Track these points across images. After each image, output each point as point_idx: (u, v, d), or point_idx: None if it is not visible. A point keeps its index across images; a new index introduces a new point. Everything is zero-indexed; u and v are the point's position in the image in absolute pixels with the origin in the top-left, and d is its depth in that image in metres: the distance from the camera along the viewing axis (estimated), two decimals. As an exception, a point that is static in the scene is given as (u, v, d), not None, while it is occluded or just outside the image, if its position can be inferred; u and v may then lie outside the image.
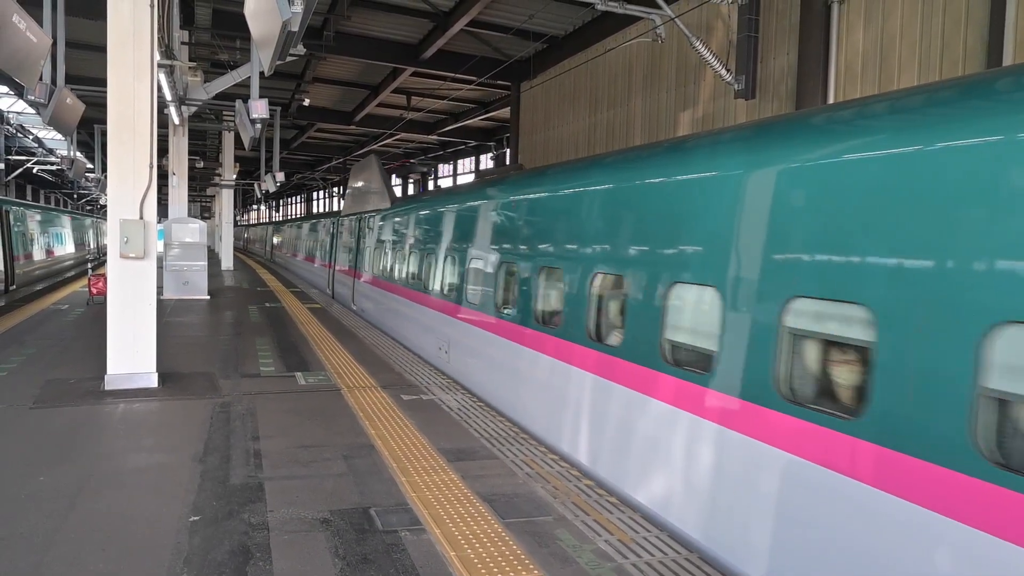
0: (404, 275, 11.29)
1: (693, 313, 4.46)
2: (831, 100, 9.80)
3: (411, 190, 40.93)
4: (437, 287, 9.43)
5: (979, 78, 3.34)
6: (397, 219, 12.32)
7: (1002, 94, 2.98)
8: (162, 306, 13.80)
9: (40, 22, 7.38)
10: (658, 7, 11.48)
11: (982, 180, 2.80)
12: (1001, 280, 2.67)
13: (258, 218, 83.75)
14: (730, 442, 3.96)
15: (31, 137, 30.75)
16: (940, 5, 8.49)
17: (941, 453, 2.81)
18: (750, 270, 3.94)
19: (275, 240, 38.26)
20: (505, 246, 7.29)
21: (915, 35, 8.76)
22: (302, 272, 25.96)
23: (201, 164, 30.55)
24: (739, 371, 3.94)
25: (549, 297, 6.34)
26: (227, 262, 26.45)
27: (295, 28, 5.04)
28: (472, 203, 8.60)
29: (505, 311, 7.13)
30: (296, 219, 35.96)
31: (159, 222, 7.88)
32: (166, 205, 18.07)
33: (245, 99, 10.74)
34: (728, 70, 11.03)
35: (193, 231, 16.00)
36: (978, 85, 3.17)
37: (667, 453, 4.53)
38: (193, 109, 15.61)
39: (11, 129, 29.02)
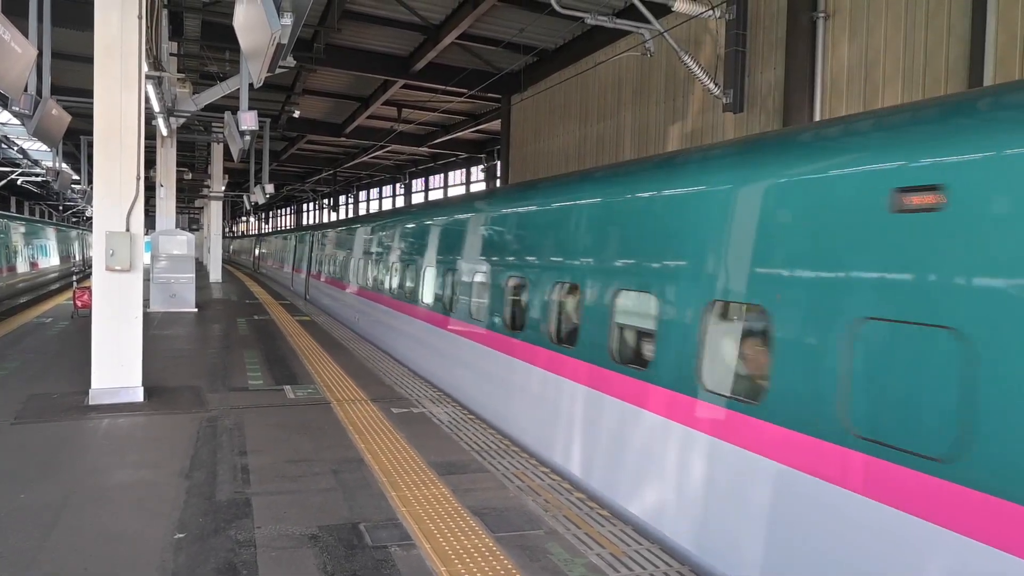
0: None
1: None
2: (817, 114, 9.88)
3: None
4: None
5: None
6: None
7: None
8: (148, 319, 13.66)
9: (25, 32, 7.33)
10: (647, 22, 11.57)
11: None
12: None
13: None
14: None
15: (16, 148, 30.50)
16: (923, 21, 8.60)
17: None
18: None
19: (315, 259, 20.50)
20: None
21: (899, 50, 8.87)
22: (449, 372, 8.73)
23: (190, 176, 30.39)
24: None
25: None
26: (215, 274, 26.29)
27: (285, 40, 5.02)
28: None
29: None
30: (417, 211, 12.25)
31: (146, 234, 7.81)
32: (154, 217, 17.94)
33: (234, 111, 10.69)
34: (716, 84, 11.11)
35: (181, 243, 15.88)
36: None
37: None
38: (181, 120, 15.56)
39: (-4, 140, 28.76)
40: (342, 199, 50.75)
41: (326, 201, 50.35)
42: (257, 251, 40.19)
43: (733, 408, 3.95)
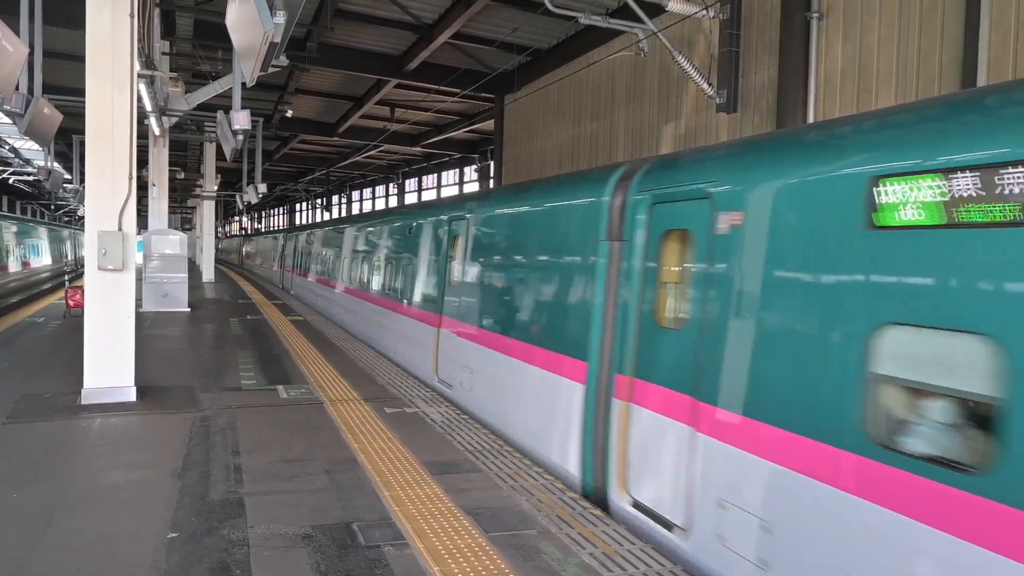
0: None
1: None
2: (811, 114, 9.92)
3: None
4: None
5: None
6: None
7: None
8: (141, 319, 13.60)
9: (17, 31, 7.29)
10: (641, 21, 11.59)
11: None
12: None
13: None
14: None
15: (7, 147, 30.34)
16: (916, 22, 8.64)
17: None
18: None
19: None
20: None
21: (892, 51, 8.91)
22: None
23: (182, 175, 30.30)
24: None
25: None
26: (208, 274, 26.21)
27: (277, 39, 5.02)
28: None
29: None
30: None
31: (139, 234, 7.79)
32: (146, 217, 17.87)
33: (227, 110, 10.66)
34: (710, 84, 11.14)
35: (173, 243, 15.83)
36: None
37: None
38: (174, 120, 15.48)
39: (-13, 139, 28.59)
40: (335, 199, 50.67)
41: (319, 201, 50.25)
42: (288, 248, 24.01)
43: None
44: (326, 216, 49.38)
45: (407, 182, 38.73)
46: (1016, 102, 2.90)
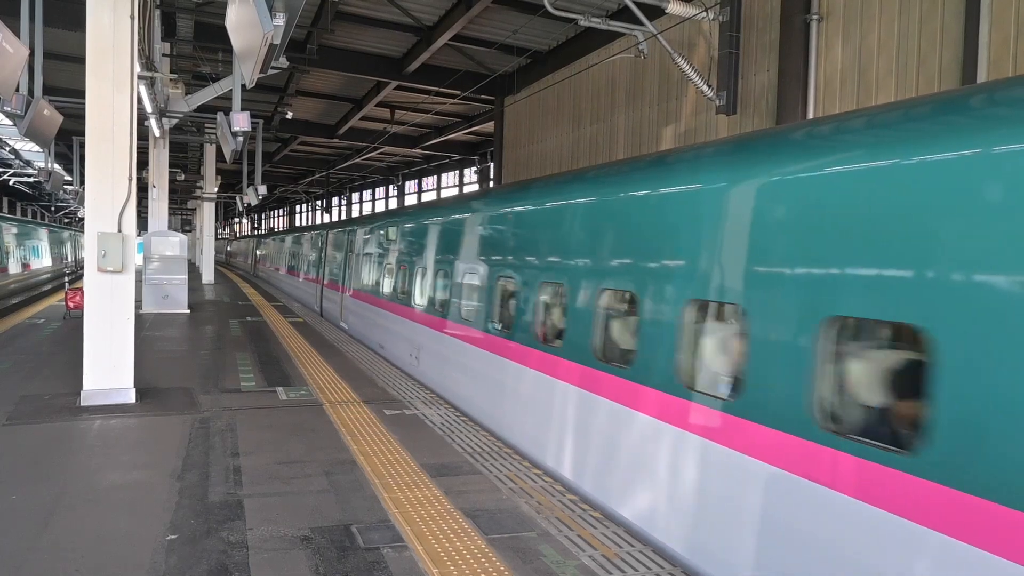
0: None
1: None
2: (811, 115, 9.92)
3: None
4: None
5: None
6: None
7: None
8: (141, 320, 13.61)
9: (17, 32, 7.30)
10: (641, 23, 11.60)
11: None
12: None
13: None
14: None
15: (8, 149, 30.34)
16: (916, 23, 8.65)
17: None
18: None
19: None
20: None
21: (892, 52, 8.91)
22: None
23: (182, 177, 30.30)
24: None
25: None
26: (208, 276, 26.21)
27: (277, 41, 5.02)
28: None
29: None
30: None
31: (138, 235, 7.80)
32: (146, 218, 17.88)
33: (227, 111, 10.66)
34: (710, 86, 11.15)
35: (173, 244, 15.84)
36: None
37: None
38: (174, 121, 15.49)
39: (-12, 141, 28.61)
40: (335, 200, 50.70)
41: (319, 203, 50.25)
42: (355, 272, 14.35)
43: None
44: (326, 218, 49.29)
45: (407, 184, 38.75)
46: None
